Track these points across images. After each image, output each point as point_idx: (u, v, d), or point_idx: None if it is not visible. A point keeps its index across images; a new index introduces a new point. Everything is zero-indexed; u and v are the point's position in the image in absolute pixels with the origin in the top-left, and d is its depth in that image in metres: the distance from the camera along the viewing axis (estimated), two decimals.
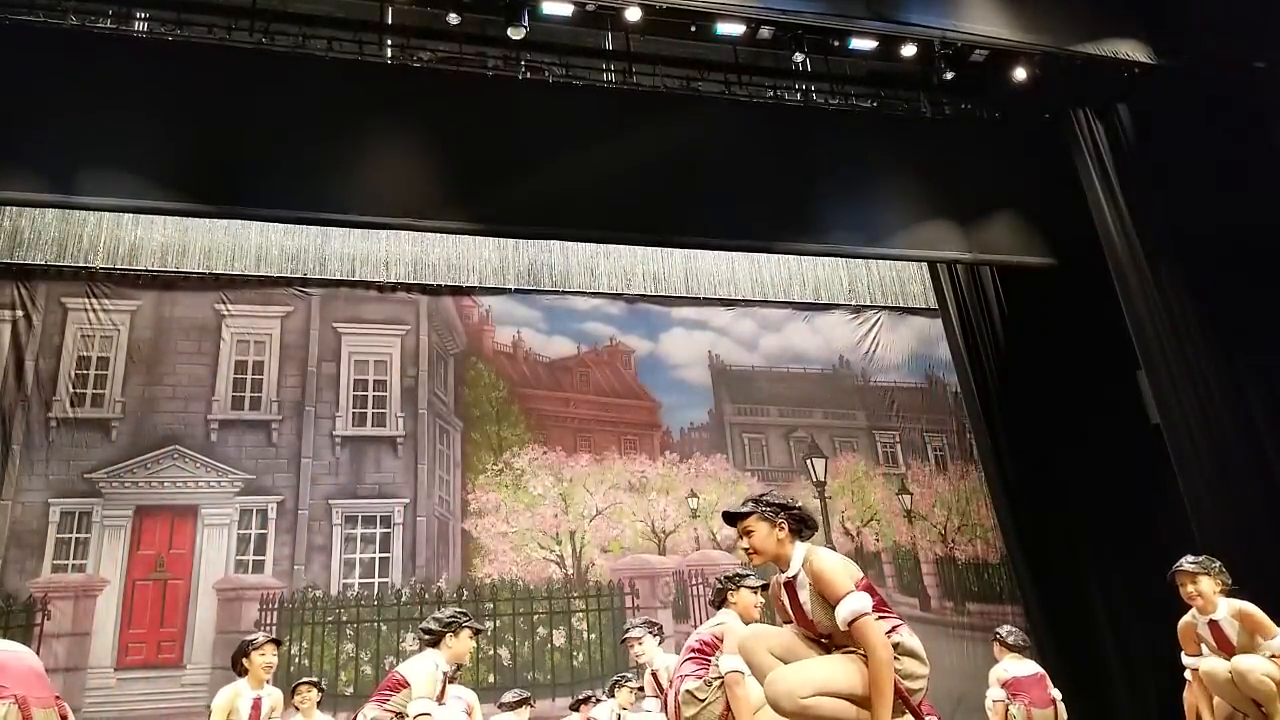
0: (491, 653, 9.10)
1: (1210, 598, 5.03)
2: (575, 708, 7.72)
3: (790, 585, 3.41)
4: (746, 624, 4.71)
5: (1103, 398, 9.73)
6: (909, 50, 8.74)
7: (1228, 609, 5.02)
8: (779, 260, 11.28)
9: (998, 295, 10.69)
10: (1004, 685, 6.81)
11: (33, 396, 8.91)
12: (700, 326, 11.24)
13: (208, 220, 9.34)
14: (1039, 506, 9.90)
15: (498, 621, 9.25)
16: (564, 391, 10.61)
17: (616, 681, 7.23)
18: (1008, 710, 6.78)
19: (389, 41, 8.34)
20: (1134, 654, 9.21)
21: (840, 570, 3.28)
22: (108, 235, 9.31)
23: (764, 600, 4.92)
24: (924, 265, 11.34)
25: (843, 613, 3.19)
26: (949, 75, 8.81)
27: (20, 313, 9.11)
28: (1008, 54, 8.97)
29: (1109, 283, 8.96)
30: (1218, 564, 5.14)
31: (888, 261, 11.33)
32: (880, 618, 3.26)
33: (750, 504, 3.48)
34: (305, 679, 7.10)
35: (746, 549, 3.44)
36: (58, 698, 4.13)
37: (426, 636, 4.80)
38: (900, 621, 3.35)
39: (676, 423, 10.82)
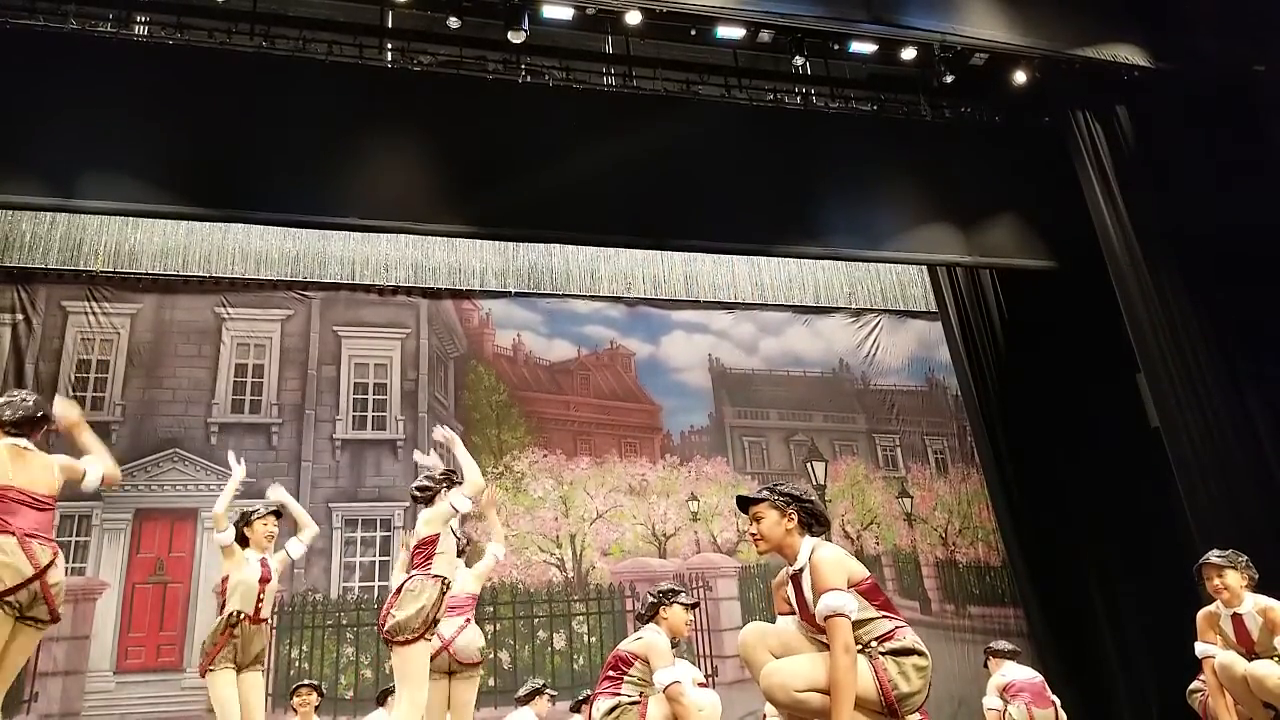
0: (492, 656, 9.08)
1: (1237, 591, 4.98)
2: (576, 709, 7.71)
3: (796, 579, 3.44)
4: (674, 641, 4.76)
5: (1102, 400, 9.74)
6: (909, 54, 8.76)
7: (1253, 604, 4.96)
8: (779, 263, 11.29)
9: (998, 298, 10.69)
10: (1003, 690, 6.78)
11: None
12: (700, 330, 11.24)
13: (208, 223, 9.36)
14: (1039, 509, 9.90)
15: (498, 625, 9.24)
16: (564, 394, 10.60)
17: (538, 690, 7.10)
18: (1004, 715, 6.78)
19: (389, 45, 8.34)
20: (1135, 655, 9.21)
21: (835, 565, 3.31)
22: (108, 238, 9.31)
23: (693, 619, 4.99)
24: (924, 268, 11.33)
25: (820, 605, 3.23)
26: (949, 78, 8.82)
27: (20, 316, 9.10)
28: (1008, 57, 8.98)
29: (1109, 285, 8.94)
30: (1245, 558, 5.07)
31: (887, 265, 11.34)
32: (884, 617, 3.29)
33: (764, 491, 3.54)
34: (305, 682, 7.11)
35: (754, 534, 3.51)
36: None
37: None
38: (903, 624, 3.35)
39: (677, 426, 10.81)
